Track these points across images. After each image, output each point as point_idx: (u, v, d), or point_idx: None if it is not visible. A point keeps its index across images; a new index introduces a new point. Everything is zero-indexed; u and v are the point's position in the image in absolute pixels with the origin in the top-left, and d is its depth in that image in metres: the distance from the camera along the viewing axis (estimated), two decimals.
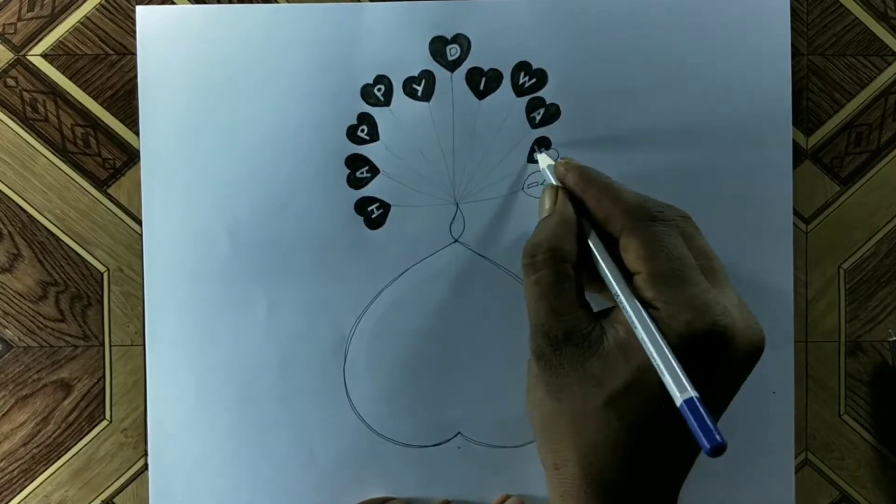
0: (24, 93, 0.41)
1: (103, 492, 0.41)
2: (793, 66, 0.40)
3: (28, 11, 0.41)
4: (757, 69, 0.40)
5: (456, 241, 0.40)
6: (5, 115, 0.41)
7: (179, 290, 0.40)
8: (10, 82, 0.41)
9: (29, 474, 0.41)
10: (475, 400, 0.40)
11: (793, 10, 0.40)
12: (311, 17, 0.40)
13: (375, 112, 0.40)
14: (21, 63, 0.41)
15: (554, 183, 0.35)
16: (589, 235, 0.33)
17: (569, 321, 0.31)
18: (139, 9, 0.40)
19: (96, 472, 0.41)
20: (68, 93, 0.41)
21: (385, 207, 0.40)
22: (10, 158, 0.41)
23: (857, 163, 0.41)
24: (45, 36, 0.41)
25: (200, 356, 0.40)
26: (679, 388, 0.27)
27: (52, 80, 0.41)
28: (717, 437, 0.26)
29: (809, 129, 0.41)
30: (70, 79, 0.41)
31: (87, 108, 0.41)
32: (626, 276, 0.31)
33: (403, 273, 0.40)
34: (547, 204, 0.34)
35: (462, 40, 0.40)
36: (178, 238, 0.40)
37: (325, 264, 0.40)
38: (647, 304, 0.30)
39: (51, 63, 0.41)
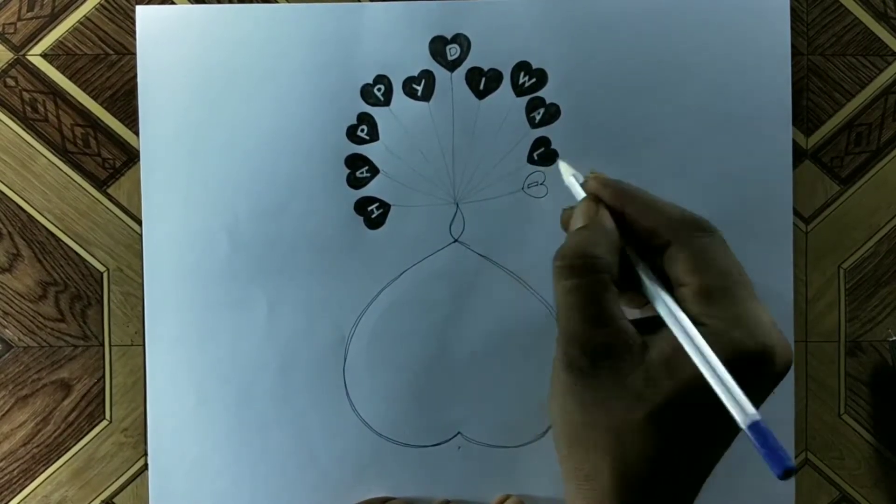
0: (24, 93, 0.41)
1: (103, 492, 0.41)
2: (793, 66, 0.40)
3: (28, 11, 0.41)
4: (757, 69, 0.40)
5: (456, 241, 0.40)
6: (5, 115, 0.41)
7: (179, 290, 0.40)
8: (10, 82, 0.41)
9: (29, 474, 0.41)
10: (475, 400, 0.40)
11: (793, 10, 0.40)
12: (311, 16, 0.40)
13: (375, 112, 0.40)
14: (21, 63, 0.41)
15: (582, 195, 0.33)
16: (628, 250, 0.32)
17: (610, 333, 0.30)
18: (139, 9, 0.40)
19: (96, 472, 0.41)
20: (68, 93, 0.41)
21: (385, 207, 0.40)
22: (10, 158, 0.41)
23: (857, 163, 0.41)
24: (44, 36, 0.41)
25: (200, 356, 0.40)
26: (744, 411, 0.27)
27: (52, 80, 0.41)
28: (789, 461, 0.25)
29: (809, 129, 0.41)
30: (70, 79, 0.41)
31: (87, 108, 0.41)
32: (669, 290, 0.31)
33: (403, 273, 0.40)
34: (581, 216, 0.32)
35: (462, 40, 0.40)
36: (178, 238, 0.40)
37: (325, 264, 0.40)
38: (693, 320, 0.29)
39: (51, 63, 0.41)
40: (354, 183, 0.40)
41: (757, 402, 0.30)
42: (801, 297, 0.41)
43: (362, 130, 0.40)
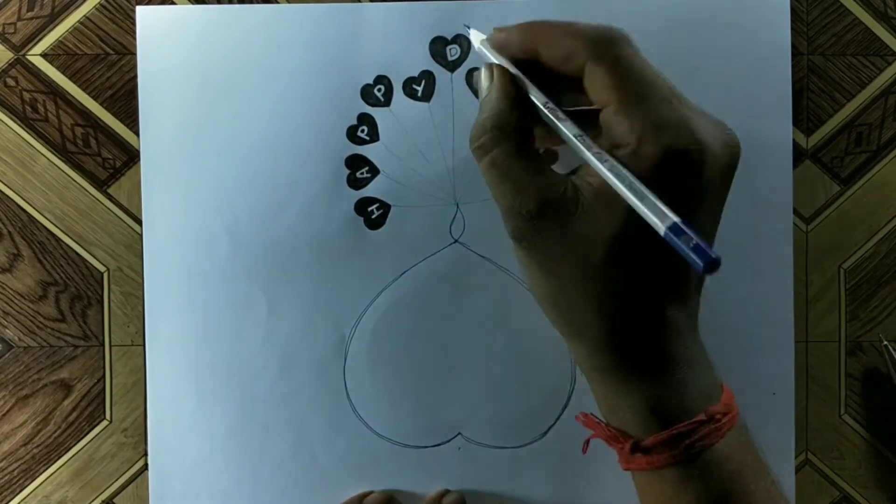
0: (24, 93, 0.41)
1: (103, 492, 0.41)
2: (793, 66, 0.40)
3: (28, 11, 0.41)
4: (757, 69, 0.40)
5: (456, 241, 0.40)
6: (5, 115, 0.41)
7: (179, 290, 0.40)
8: (10, 82, 0.41)
9: (29, 474, 0.41)
10: (475, 400, 0.40)
11: (793, 10, 0.40)
12: (311, 17, 0.40)
13: (375, 112, 0.40)
14: (21, 63, 0.41)
15: (493, 61, 0.33)
16: (531, 92, 0.31)
17: (538, 191, 0.29)
18: (139, 9, 0.40)
19: (96, 472, 0.41)
20: (68, 93, 0.41)
21: (385, 208, 0.40)
22: (10, 158, 0.41)
23: (857, 163, 0.41)
24: (45, 36, 0.41)
25: (200, 356, 0.40)
26: (660, 218, 0.26)
27: (52, 80, 0.41)
28: (710, 253, 0.24)
29: (809, 129, 0.41)
30: (70, 79, 0.41)
31: (87, 108, 0.41)
32: (586, 118, 0.30)
33: (403, 273, 0.40)
34: (485, 83, 0.32)
35: (462, 41, 0.40)
36: (178, 238, 0.40)
37: (325, 265, 0.40)
38: (619, 141, 0.28)
39: (51, 63, 0.41)
40: (354, 183, 0.40)
41: (712, 202, 0.29)
42: (802, 298, 0.41)
43: (362, 131, 0.40)
